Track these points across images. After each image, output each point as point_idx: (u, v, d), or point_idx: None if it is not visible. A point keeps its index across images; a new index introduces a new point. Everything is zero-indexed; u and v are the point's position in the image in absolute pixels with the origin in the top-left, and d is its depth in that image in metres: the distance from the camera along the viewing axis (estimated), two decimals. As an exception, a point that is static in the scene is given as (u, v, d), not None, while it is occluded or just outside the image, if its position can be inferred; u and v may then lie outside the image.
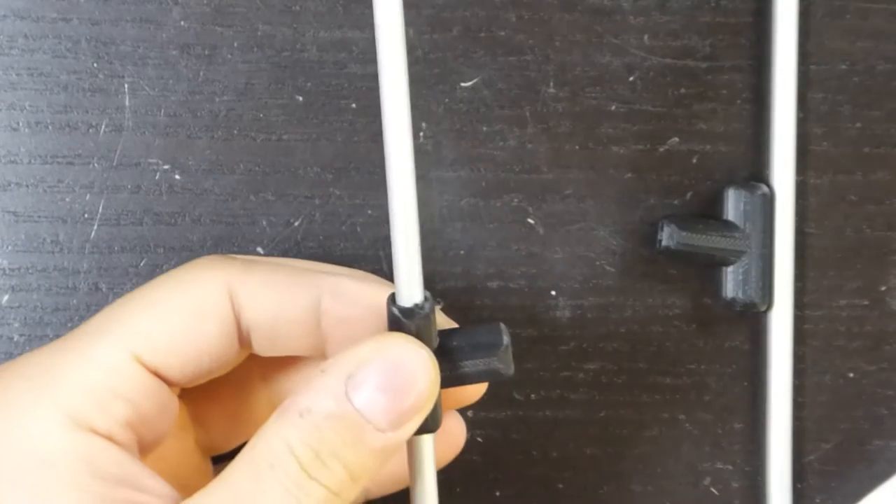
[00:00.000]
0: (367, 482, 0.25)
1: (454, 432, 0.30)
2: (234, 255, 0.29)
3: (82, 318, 0.32)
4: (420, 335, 0.25)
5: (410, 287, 0.26)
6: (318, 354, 0.28)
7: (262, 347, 0.28)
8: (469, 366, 0.26)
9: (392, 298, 0.26)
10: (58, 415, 0.24)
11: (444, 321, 0.29)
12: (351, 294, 0.27)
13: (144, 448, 0.26)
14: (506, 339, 0.27)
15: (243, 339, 0.27)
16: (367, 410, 0.24)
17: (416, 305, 0.26)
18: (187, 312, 0.26)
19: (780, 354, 0.33)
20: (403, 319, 0.25)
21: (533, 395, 0.33)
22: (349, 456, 0.24)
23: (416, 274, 0.26)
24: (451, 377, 0.26)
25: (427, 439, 0.27)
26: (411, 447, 0.27)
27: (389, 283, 0.28)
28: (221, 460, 0.30)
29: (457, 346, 0.26)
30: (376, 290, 0.27)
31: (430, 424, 0.26)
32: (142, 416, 0.25)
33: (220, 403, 0.30)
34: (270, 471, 0.24)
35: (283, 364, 0.30)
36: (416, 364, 0.25)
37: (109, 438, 0.25)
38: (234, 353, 0.27)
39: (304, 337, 0.27)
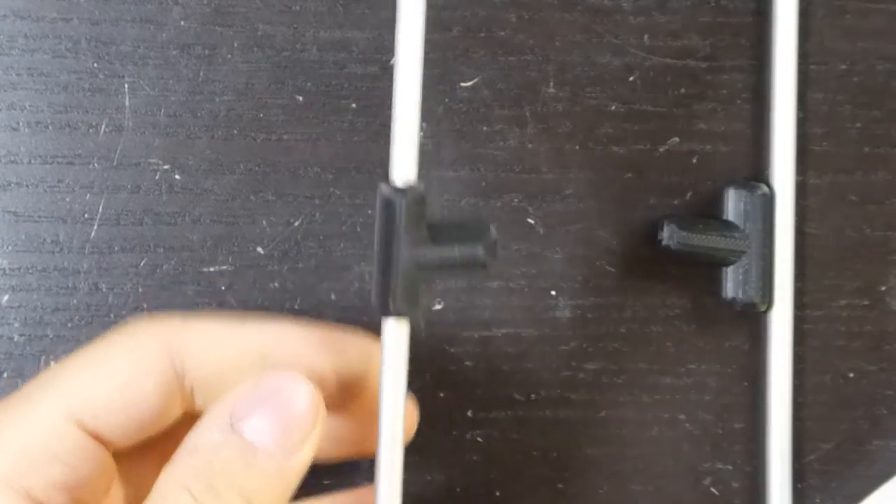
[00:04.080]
0: None
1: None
2: (171, 313, 0.29)
3: (82, 318, 0.32)
4: (410, 218, 0.25)
5: (406, 166, 0.25)
6: None
7: (208, 403, 0.27)
8: (455, 252, 0.26)
9: (385, 179, 0.25)
10: None
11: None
12: (296, 342, 0.27)
13: None
14: (493, 232, 0.26)
15: (185, 396, 0.27)
16: (254, 436, 0.24)
17: (410, 186, 0.25)
18: (125, 372, 0.26)
19: (780, 354, 0.33)
20: (395, 199, 0.25)
21: (533, 395, 0.33)
22: (244, 483, 0.24)
23: (412, 152, 0.25)
24: (436, 262, 0.26)
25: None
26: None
27: (338, 327, 0.28)
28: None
29: (445, 234, 0.26)
30: (326, 335, 0.27)
31: None
32: (79, 479, 0.25)
33: (152, 462, 0.29)
34: None
35: None
36: (295, 387, 0.25)
37: (45, 503, 0.24)
38: (176, 411, 0.27)
39: None
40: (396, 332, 0.26)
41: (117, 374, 0.26)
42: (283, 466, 0.24)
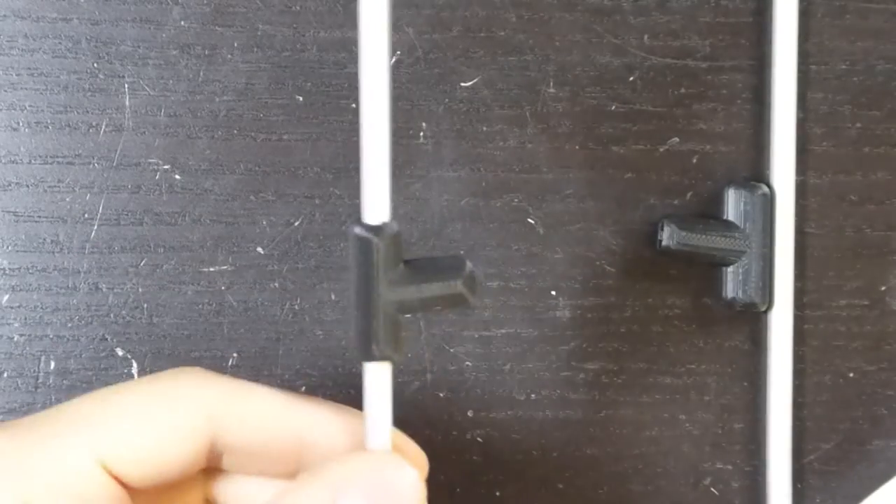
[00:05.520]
0: None
1: None
2: (218, 374, 0.28)
3: (82, 318, 0.32)
4: (388, 256, 0.24)
5: (379, 204, 0.24)
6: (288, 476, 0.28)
7: (233, 467, 0.27)
8: (436, 289, 0.25)
9: (356, 220, 0.25)
10: None
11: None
12: (336, 430, 0.27)
13: None
14: (469, 265, 0.25)
15: (213, 457, 0.27)
16: None
17: (385, 224, 0.24)
18: (164, 428, 0.25)
19: (780, 354, 0.33)
20: (372, 238, 0.24)
21: (533, 395, 0.33)
22: None
23: (385, 189, 0.24)
24: (417, 301, 0.25)
25: None
26: None
27: None
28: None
29: (422, 271, 0.25)
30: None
31: None
32: None
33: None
34: None
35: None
36: (401, 473, 0.24)
37: None
38: (200, 466, 0.27)
39: (281, 465, 0.27)
40: (380, 377, 0.25)
41: (154, 429, 0.25)
42: None
